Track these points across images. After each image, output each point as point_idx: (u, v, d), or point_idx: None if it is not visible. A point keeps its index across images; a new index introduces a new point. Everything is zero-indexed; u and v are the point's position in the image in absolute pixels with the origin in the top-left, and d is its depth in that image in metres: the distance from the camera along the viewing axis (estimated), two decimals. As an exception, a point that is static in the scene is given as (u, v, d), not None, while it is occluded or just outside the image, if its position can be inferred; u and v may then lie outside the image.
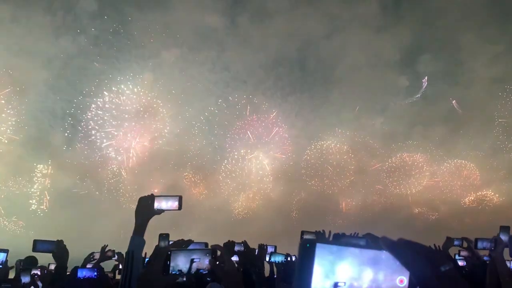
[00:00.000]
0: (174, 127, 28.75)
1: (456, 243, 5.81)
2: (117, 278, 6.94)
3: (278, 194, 29.57)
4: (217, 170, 29.26)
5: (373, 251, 1.32)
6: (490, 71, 28.74)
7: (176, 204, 3.26)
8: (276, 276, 5.89)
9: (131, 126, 27.71)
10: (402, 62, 30.24)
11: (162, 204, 3.22)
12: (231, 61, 29.46)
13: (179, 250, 3.01)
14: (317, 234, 4.65)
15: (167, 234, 5.23)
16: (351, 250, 1.29)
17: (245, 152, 29.49)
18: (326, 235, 4.60)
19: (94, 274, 5.31)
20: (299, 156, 30.15)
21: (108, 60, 27.47)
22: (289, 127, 30.07)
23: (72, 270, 5.16)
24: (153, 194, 3.24)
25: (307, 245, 1.26)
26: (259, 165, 29.72)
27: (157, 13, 27.64)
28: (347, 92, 30.21)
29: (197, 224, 25.48)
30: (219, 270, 2.93)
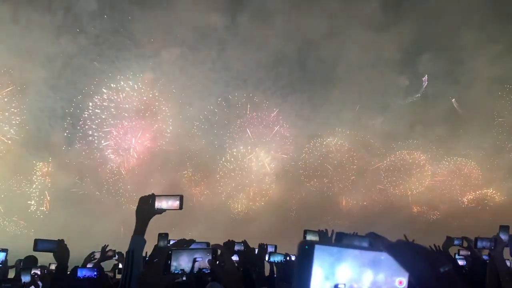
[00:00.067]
0: (174, 126, 28.76)
1: (456, 242, 5.82)
2: (117, 277, 6.94)
3: (278, 193, 29.56)
4: (217, 169, 29.26)
5: (373, 252, 1.31)
6: (490, 70, 28.73)
7: (177, 203, 3.25)
8: (276, 276, 5.90)
9: (131, 126, 27.71)
10: (402, 62, 30.24)
11: (163, 204, 3.21)
12: (231, 60, 29.45)
13: (181, 250, 3.01)
14: (320, 234, 4.64)
15: (166, 234, 5.23)
16: (351, 252, 1.28)
17: (245, 151, 29.48)
18: (329, 235, 4.59)
19: (94, 273, 5.32)
20: (299, 156, 30.16)
21: (108, 59, 27.48)
22: (289, 126, 30.08)
23: (72, 269, 5.16)
24: (153, 194, 3.23)
25: (306, 246, 1.25)
26: (260, 163, 29.70)
27: (157, 12, 27.63)
28: (347, 91, 30.20)
29: (197, 223, 25.47)
30: (219, 269, 2.93)
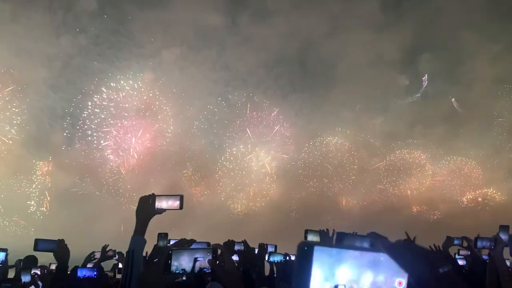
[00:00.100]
0: (174, 126, 28.76)
1: (456, 242, 5.82)
2: (117, 277, 6.94)
3: (279, 193, 29.55)
4: (217, 169, 29.26)
5: (373, 253, 1.31)
6: (490, 70, 28.75)
7: (177, 203, 3.24)
8: (276, 276, 5.90)
9: (131, 125, 27.70)
10: (403, 61, 30.27)
11: (163, 204, 3.20)
12: (232, 60, 29.47)
13: (181, 250, 3.00)
14: (321, 233, 4.63)
15: (165, 234, 5.22)
16: (351, 253, 1.27)
17: (245, 151, 29.47)
18: (330, 234, 4.58)
19: (94, 273, 5.31)
20: (299, 155, 30.15)
21: (108, 59, 27.49)
22: (289, 126, 30.07)
23: (72, 269, 5.16)
24: (154, 194, 3.23)
25: (305, 248, 1.24)
26: (260, 162, 29.69)
27: (157, 12, 27.64)
28: (348, 91, 30.19)
29: (197, 223, 25.45)
30: (219, 269, 2.93)
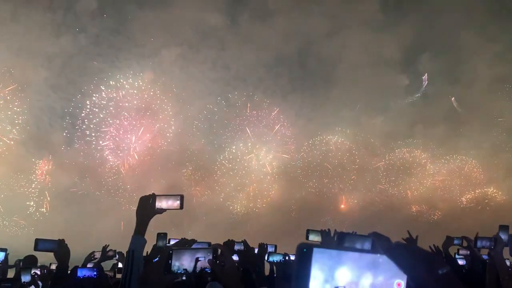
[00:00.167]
0: (174, 125, 28.75)
1: (455, 242, 5.82)
2: (117, 277, 6.94)
3: (279, 193, 29.55)
4: (217, 169, 29.25)
5: (372, 255, 1.31)
6: (490, 70, 28.76)
7: (178, 203, 3.24)
8: (276, 275, 5.90)
9: (131, 125, 27.69)
10: (403, 61, 30.27)
11: (163, 204, 3.20)
12: (232, 59, 29.46)
13: (182, 249, 3.00)
14: (323, 233, 4.64)
15: (165, 234, 5.22)
16: (351, 254, 1.28)
17: (245, 151, 29.46)
18: (331, 234, 4.59)
19: (94, 273, 5.31)
20: (299, 155, 30.15)
21: (108, 58, 27.46)
22: (289, 126, 30.07)
23: (72, 269, 5.16)
24: (154, 194, 3.23)
25: (304, 249, 1.24)
26: (261, 161, 29.66)
27: (157, 12, 27.60)
28: (348, 91, 30.20)
29: (197, 223, 25.47)
30: (218, 269, 2.93)
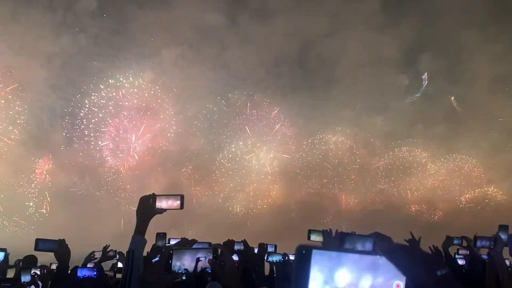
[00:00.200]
0: (174, 125, 28.76)
1: (455, 242, 5.82)
2: (117, 277, 6.94)
3: (278, 193, 29.55)
4: (217, 169, 29.24)
5: (371, 256, 1.31)
6: (490, 70, 28.77)
7: (178, 203, 3.23)
8: (275, 275, 5.91)
9: (131, 125, 27.70)
10: (403, 61, 30.29)
11: (164, 203, 3.20)
12: (232, 59, 29.46)
13: (183, 249, 3.00)
14: (324, 233, 4.64)
15: (164, 233, 5.23)
16: (350, 256, 1.28)
17: (245, 151, 29.45)
18: (333, 234, 4.58)
19: (94, 273, 5.31)
20: (299, 155, 30.14)
21: (108, 58, 27.46)
22: (289, 125, 30.07)
23: (71, 269, 5.17)
24: (154, 193, 3.22)
25: (303, 251, 1.24)
26: (261, 160, 29.64)
27: (157, 11, 27.61)
28: (348, 90, 30.22)
29: (196, 223, 25.45)
30: (218, 269, 2.93)
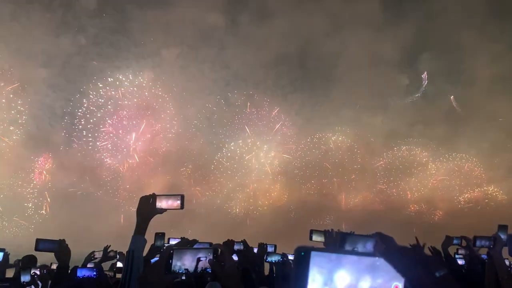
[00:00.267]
0: (174, 125, 28.75)
1: (455, 242, 5.82)
2: (117, 277, 6.94)
3: (278, 193, 29.54)
4: (216, 169, 29.21)
5: (371, 258, 1.32)
6: (490, 70, 28.77)
7: (178, 203, 3.22)
8: (275, 275, 5.91)
9: (130, 125, 27.68)
10: (403, 61, 30.29)
11: (164, 203, 3.20)
12: (232, 59, 29.46)
13: (183, 249, 3.00)
14: (325, 233, 4.65)
15: (163, 233, 5.22)
16: (350, 258, 1.28)
17: (245, 151, 29.44)
18: (334, 235, 4.59)
19: (94, 273, 5.31)
20: (299, 155, 30.14)
21: (108, 58, 27.46)
22: (289, 125, 30.06)
23: (71, 269, 5.17)
24: (154, 194, 3.23)
25: (302, 253, 1.25)
26: (262, 159, 29.62)
27: (157, 11, 27.61)
28: (348, 90, 30.24)
29: (196, 223, 25.43)
30: (218, 268, 2.94)
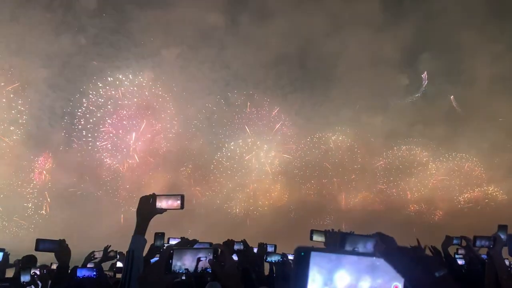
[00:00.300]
0: (174, 125, 28.74)
1: (454, 241, 5.82)
2: (117, 277, 6.94)
3: (278, 193, 29.54)
4: (216, 169, 29.20)
5: (370, 258, 1.32)
6: (490, 70, 28.79)
7: (178, 203, 3.22)
8: (275, 275, 5.91)
9: (130, 125, 27.68)
10: (403, 61, 30.31)
11: (164, 203, 3.20)
12: (232, 59, 29.47)
13: (184, 249, 3.00)
14: (326, 233, 4.65)
15: (162, 233, 5.22)
16: (349, 258, 1.28)
17: (245, 151, 29.44)
18: (335, 235, 4.59)
19: (93, 273, 5.31)
20: (299, 155, 30.14)
21: (108, 58, 27.47)
22: (289, 125, 30.07)
23: (71, 269, 5.17)
24: (154, 194, 3.22)
25: (302, 253, 1.25)
26: (262, 159, 29.61)
27: (157, 12, 27.64)
28: (348, 90, 30.25)
29: (196, 223, 25.43)
30: (218, 268, 2.94)
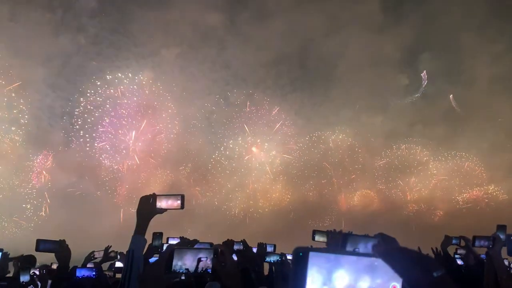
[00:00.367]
0: (174, 125, 28.74)
1: (454, 241, 5.83)
2: (117, 277, 6.95)
3: (278, 193, 29.55)
4: (214, 168, 29.20)
5: (369, 258, 1.32)
6: (490, 70, 28.82)
7: (178, 203, 3.23)
8: (274, 275, 5.92)
9: (130, 125, 27.68)
10: (402, 61, 30.30)
11: (164, 203, 3.20)
12: (232, 59, 29.47)
13: (184, 249, 3.01)
14: (328, 234, 4.66)
15: (160, 233, 5.24)
16: (348, 258, 1.29)
17: (244, 151, 29.45)
18: (337, 235, 4.60)
19: (93, 273, 5.32)
20: (298, 155, 30.15)
21: (108, 58, 27.44)
22: (289, 125, 30.07)
23: (70, 269, 5.19)
24: (154, 194, 3.24)
25: (300, 253, 1.25)
26: (262, 159, 29.62)
27: (157, 11, 27.62)
28: (348, 90, 30.23)
29: (195, 223, 25.43)
30: (219, 269, 2.95)
